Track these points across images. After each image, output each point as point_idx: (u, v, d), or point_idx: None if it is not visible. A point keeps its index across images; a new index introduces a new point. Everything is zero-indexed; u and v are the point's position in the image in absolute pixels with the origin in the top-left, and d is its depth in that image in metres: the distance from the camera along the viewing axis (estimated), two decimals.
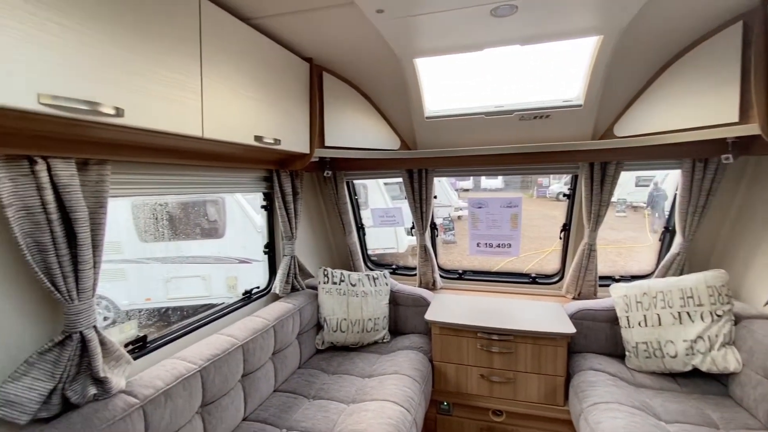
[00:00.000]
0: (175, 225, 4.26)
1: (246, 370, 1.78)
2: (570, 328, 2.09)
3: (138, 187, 1.54)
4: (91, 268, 1.17)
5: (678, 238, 2.29)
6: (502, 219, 2.63)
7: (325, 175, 2.73)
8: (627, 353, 2.12)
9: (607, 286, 2.39)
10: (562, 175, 10.80)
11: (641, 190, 8.84)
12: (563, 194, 2.62)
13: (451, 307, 2.47)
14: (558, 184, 12.62)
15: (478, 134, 2.33)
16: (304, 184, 2.60)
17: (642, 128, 2.06)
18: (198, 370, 1.51)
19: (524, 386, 2.16)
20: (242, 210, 4.19)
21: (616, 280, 2.57)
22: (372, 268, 3.13)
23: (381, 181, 5.40)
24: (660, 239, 2.55)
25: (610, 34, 1.72)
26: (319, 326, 2.47)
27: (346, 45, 1.93)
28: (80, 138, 1.15)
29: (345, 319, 2.42)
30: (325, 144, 2.25)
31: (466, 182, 12.36)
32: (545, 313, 2.31)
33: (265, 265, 2.51)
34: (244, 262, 4.18)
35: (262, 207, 2.48)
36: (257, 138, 1.65)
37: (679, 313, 2.00)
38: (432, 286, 2.85)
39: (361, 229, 3.13)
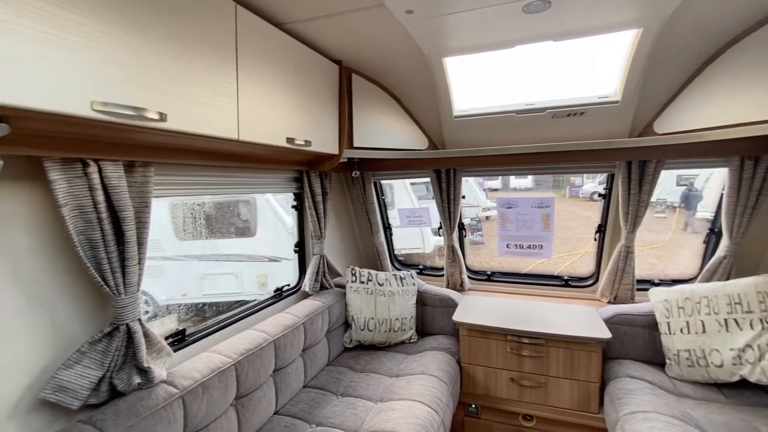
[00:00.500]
0: (210, 224, 4.43)
1: (277, 365, 1.84)
2: (605, 333, 2.01)
3: (178, 188, 1.62)
4: (136, 264, 1.24)
5: (725, 241, 2.16)
6: (533, 219, 2.57)
7: (353, 175, 2.76)
8: (667, 361, 2.02)
9: (645, 290, 2.29)
10: (596, 175, 10.42)
11: (683, 189, 8.36)
12: (598, 194, 2.52)
13: (479, 308, 2.44)
14: (592, 183, 12.16)
15: (509, 133, 2.29)
16: (333, 185, 2.64)
17: (685, 125, 1.95)
18: (233, 363, 1.57)
19: (556, 391, 2.11)
20: (272, 210, 4.30)
21: (656, 284, 2.45)
22: (399, 268, 3.14)
23: (407, 181, 5.40)
24: (704, 242, 2.41)
25: (650, 27, 1.64)
26: (347, 324, 2.50)
27: (375, 46, 1.94)
28: (126, 142, 1.22)
29: (372, 318, 2.44)
30: (354, 145, 2.27)
31: (494, 182, 12.14)
32: (578, 317, 2.24)
33: (295, 263, 2.57)
34: (274, 260, 4.29)
35: (293, 207, 2.55)
36: (289, 140, 1.69)
37: (726, 320, 1.89)
38: (460, 287, 2.83)
39: (388, 229, 3.14)
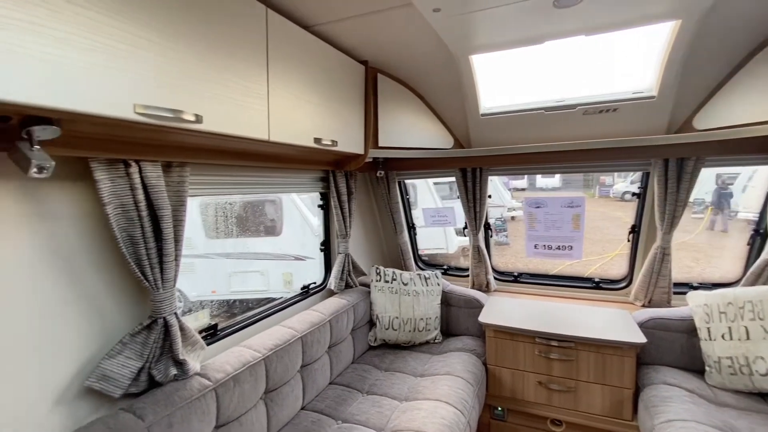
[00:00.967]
0: (237, 223, 4.56)
1: (304, 361, 1.87)
2: (639, 338, 1.94)
3: (210, 187, 1.67)
4: (173, 260, 1.29)
5: None
6: (563, 220, 2.50)
7: (378, 175, 2.77)
8: (707, 368, 1.92)
9: (682, 293, 2.19)
10: (628, 173, 10.02)
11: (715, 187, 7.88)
12: (632, 193, 2.43)
13: (506, 309, 2.40)
14: (623, 182, 11.71)
15: (537, 131, 2.24)
16: (357, 184, 2.66)
17: (727, 120, 1.85)
18: (262, 358, 1.61)
19: (586, 396, 2.04)
20: (297, 209, 4.38)
21: (694, 288, 2.34)
22: (423, 268, 3.13)
23: (430, 180, 5.37)
24: (748, 243, 2.28)
25: (690, 18, 1.57)
26: (372, 323, 2.51)
27: (401, 46, 1.94)
28: (163, 143, 1.28)
29: (397, 318, 2.44)
30: (379, 144, 2.29)
31: (520, 181, 11.90)
32: (611, 320, 2.17)
33: (321, 262, 2.61)
34: (299, 259, 4.37)
35: (319, 206, 2.58)
36: (316, 140, 1.72)
37: None
38: (485, 288, 2.79)
39: (412, 228, 3.14)
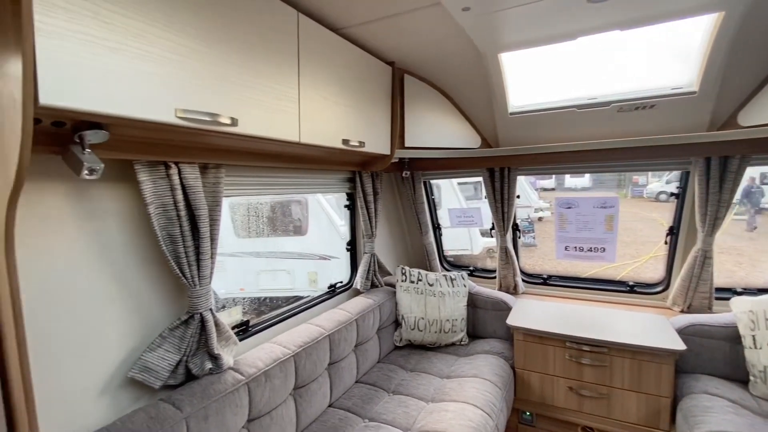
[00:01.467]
0: (266, 223, 4.67)
1: (332, 359, 1.90)
2: (678, 345, 1.85)
3: (243, 188, 1.73)
4: (209, 258, 1.35)
5: None
6: (595, 221, 2.42)
7: (403, 175, 2.77)
8: (752, 378, 1.81)
9: (725, 299, 2.08)
10: (663, 173, 9.57)
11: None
12: (671, 194, 2.33)
13: (535, 312, 2.35)
14: (658, 182, 11.19)
15: (568, 129, 2.18)
16: (383, 185, 2.67)
17: None
18: (292, 355, 1.65)
19: (620, 404, 1.97)
20: (323, 209, 4.44)
21: (738, 293, 2.21)
22: (448, 269, 3.11)
23: (454, 180, 5.32)
24: None
25: (734, 9, 1.48)
26: (397, 323, 2.52)
27: (428, 45, 1.94)
28: (201, 145, 1.33)
29: (422, 318, 2.44)
30: (405, 144, 2.29)
31: (547, 181, 11.59)
32: (647, 326, 2.08)
33: (347, 261, 2.63)
34: (324, 258, 4.43)
35: (345, 206, 2.61)
36: (344, 141, 1.74)
37: None
38: (513, 290, 2.74)
39: (437, 229, 3.12)
